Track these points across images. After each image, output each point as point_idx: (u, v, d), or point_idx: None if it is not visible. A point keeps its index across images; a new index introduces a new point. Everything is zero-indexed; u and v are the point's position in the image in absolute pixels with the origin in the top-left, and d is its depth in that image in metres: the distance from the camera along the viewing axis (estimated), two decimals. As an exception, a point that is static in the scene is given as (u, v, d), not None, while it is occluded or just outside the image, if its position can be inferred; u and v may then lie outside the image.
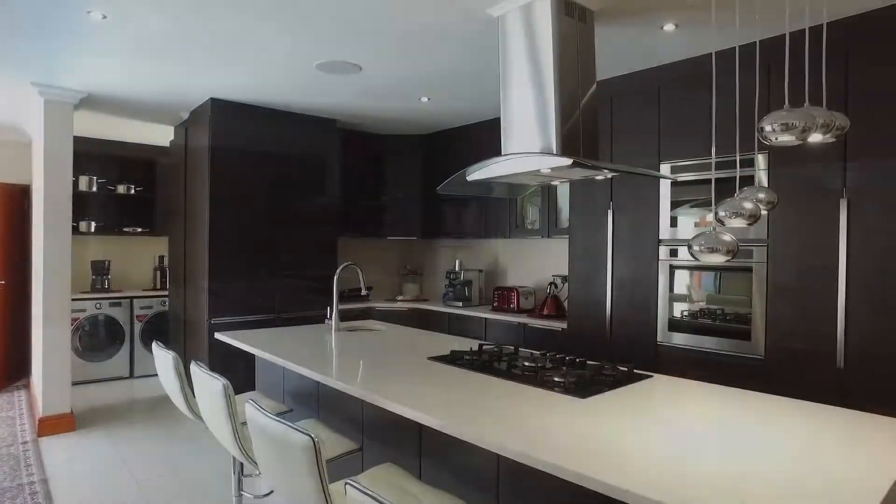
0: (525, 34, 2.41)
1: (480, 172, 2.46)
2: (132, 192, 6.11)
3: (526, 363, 2.35)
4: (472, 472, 1.89)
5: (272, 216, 4.59)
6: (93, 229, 5.82)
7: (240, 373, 4.20)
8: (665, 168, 3.36)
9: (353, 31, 2.94)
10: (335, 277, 3.36)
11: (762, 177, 2.93)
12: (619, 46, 3.12)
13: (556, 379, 2.08)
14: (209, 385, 1.92)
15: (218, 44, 3.14)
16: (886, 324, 2.55)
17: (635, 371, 2.29)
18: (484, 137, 4.91)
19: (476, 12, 2.66)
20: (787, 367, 2.84)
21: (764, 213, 1.61)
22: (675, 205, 3.32)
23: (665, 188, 3.35)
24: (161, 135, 5.71)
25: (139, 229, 6.12)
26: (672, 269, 3.31)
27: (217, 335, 3.18)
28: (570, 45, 2.36)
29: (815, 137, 1.36)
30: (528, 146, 2.41)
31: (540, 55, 2.34)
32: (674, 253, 3.30)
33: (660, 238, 3.37)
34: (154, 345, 2.56)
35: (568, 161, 2.09)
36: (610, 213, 3.62)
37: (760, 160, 2.94)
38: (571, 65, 2.36)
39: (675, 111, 3.31)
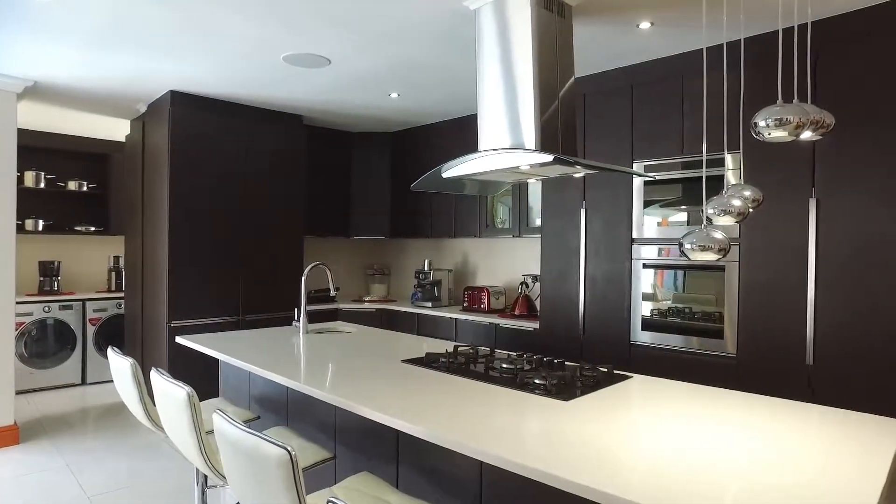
0: (503, 27, 2.35)
1: (457, 169, 2.39)
2: (84, 188, 5.81)
3: (504, 365, 2.29)
4: (453, 479, 1.82)
5: (235, 215, 4.42)
6: (40, 228, 5.49)
7: (201, 378, 4.03)
8: (638, 167, 3.36)
9: (323, 22, 2.83)
10: (303, 277, 3.24)
11: (731, 177, 2.96)
12: (593, 45, 3.10)
13: (536, 381, 2.03)
14: (172, 393, 1.79)
15: (179, 32, 2.98)
16: (852, 321, 2.60)
17: (615, 372, 2.26)
18: (454, 135, 4.85)
19: (452, 4, 2.59)
20: (758, 365, 2.87)
21: (750, 210, 1.60)
22: (646, 204, 3.33)
23: (638, 187, 3.36)
24: (116, 129, 5.44)
25: (92, 228, 5.82)
26: (645, 268, 3.31)
27: (178, 339, 3.02)
28: (548, 38, 2.31)
29: (805, 134, 1.34)
30: (506, 142, 2.35)
31: (519, 48, 2.29)
32: (647, 252, 3.31)
33: (633, 237, 3.37)
34: (110, 350, 2.40)
35: (549, 157, 2.04)
36: (583, 211, 3.61)
37: (730, 160, 2.96)
38: (550, 59, 2.31)
39: (648, 111, 3.32)
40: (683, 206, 3.17)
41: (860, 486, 1.21)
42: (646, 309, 3.30)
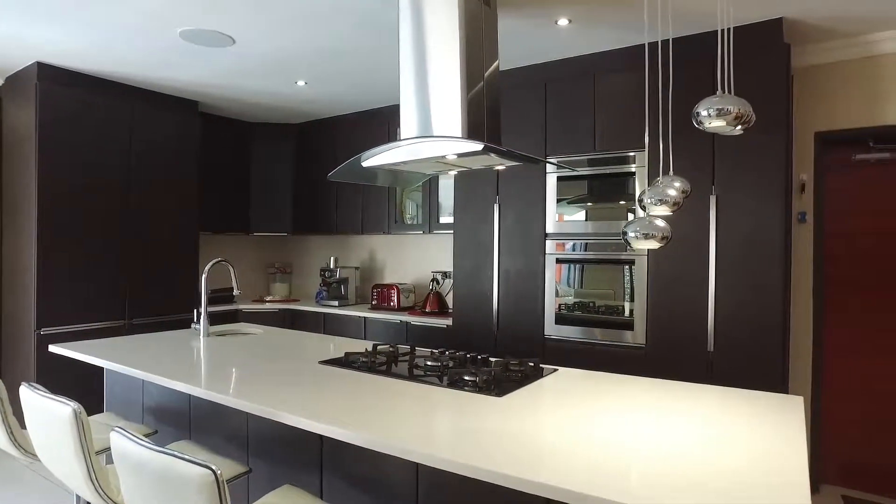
0: (429, 10, 2.26)
1: (379, 158, 2.27)
2: (-79, 176, 4.93)
3: (428, 363, 2.22)
4: (385, 485, 1.71)
5: (118, 208, 3.95)
6: None
7: (77, 392, 3.55)
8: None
9: (227, -5, 2.58)
10: (204, 276, 2.95)
11: (642, 174, 3.09)
12: (511, 40, 3.10)
13: (466, 378, 1.98)
14: (52, 411, 1.52)
15: (50, -6, 2.58)
16: (744, 309, 2.81)
17: (541, 365, 2.26)
18: (363, 128, 4.70)
19: (371, -14, 2.47)
20: (665, 354, 3.02)
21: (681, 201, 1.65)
22: (559, 200, 3.40)
23: (552, 183, 3.42)
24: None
25: (-69, 222, 4.96)
26: (558, 262, 3.38)
27: (53, 347, 2.62)
28: (474, 22, 2.26)
29: (738, 127, 1.40)
30: (429, 129, 2.27)
31: (444, 31, 2.21)
32: (560, 247, 3.38)
33: (546, 232, 3.42)
34: (-37, 364, 2.01)
35: (479, 146, 1.99)
36: (496, 206, 3.62)
37: (637, 158, 3.09)
38: (476, 43, 2.26)
39: (562, 108, 3.39)
40: (589, 203, 3.27)
41: (787, 454, 1.27)
42: (559, 303, 3.37)
